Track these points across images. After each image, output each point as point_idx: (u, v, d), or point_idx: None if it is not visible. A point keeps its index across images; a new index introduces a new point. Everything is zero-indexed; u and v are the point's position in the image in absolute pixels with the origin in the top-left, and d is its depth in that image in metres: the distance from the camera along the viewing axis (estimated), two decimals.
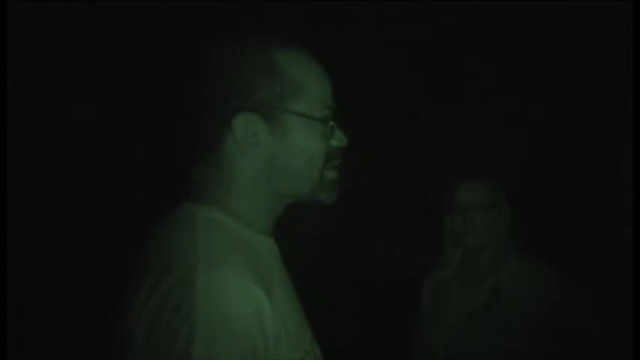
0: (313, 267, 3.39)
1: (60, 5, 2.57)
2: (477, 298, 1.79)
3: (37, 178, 2.57)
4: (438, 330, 1.81)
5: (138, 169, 2.78)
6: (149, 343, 0.70)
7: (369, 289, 3.59)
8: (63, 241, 2.59)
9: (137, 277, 0.80)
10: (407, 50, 3.25)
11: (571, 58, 2.98)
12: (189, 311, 0.68)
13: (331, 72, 0.93)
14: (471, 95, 3.38)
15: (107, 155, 2.82)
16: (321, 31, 3.00)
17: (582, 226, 2.93)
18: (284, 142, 0.85)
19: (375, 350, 2.77)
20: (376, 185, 3.62)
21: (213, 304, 0.69)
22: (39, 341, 2.45)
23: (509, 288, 1.74)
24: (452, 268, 1.91)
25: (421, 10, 3.02)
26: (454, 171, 1.99)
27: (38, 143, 2.61)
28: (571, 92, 3.09)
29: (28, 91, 2.54)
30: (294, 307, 0.88)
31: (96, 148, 2.80)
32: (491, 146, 3.23)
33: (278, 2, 2.85)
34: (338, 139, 0.91)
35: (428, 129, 3.53)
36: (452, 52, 3.22)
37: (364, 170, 3.30)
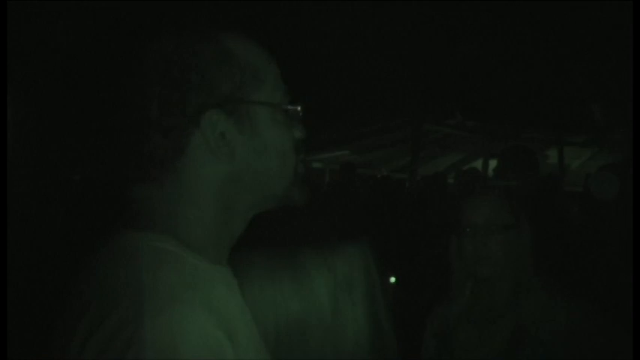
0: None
1: (60, 5, 2.58)
2: (493, 341, 1.47)
3: (37, 177, 2.58)
4: None
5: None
6: None
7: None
8: (63, 241, 2.59)
9: (72, 311, 0.71)
10: (406, 49, 3.26)
11: (571, 57, 2.99)
12: (137, 355, 0.61)
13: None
14: (470, 95, 3.38)
15: (107, 155, 2.82)
16: (320, 30, 3.01)
17: (582, 226, 2.93)
18: (254, 141, 0.75)
19: None
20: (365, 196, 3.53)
21: (164, 348, 0.62)
22: (39, 341, 2.44)
23: (534, 328, 1.42)
24: (461, 305, 1.57)
25: (420, 9, 3.02)
26: (461, 182, 1.69)
27: (38, 143, 2.61)
28: (571, 92, 3.10)
29: (28, 90, 2.54)
30: (256, 346, 0.78)
31: (96, 148, 2.80)
32: (491, 145, 3.22)
33: (278, 2, 2.86)
34: (300, 130, 0.80)
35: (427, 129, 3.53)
36: (451, 50, 3.22)
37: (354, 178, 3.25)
